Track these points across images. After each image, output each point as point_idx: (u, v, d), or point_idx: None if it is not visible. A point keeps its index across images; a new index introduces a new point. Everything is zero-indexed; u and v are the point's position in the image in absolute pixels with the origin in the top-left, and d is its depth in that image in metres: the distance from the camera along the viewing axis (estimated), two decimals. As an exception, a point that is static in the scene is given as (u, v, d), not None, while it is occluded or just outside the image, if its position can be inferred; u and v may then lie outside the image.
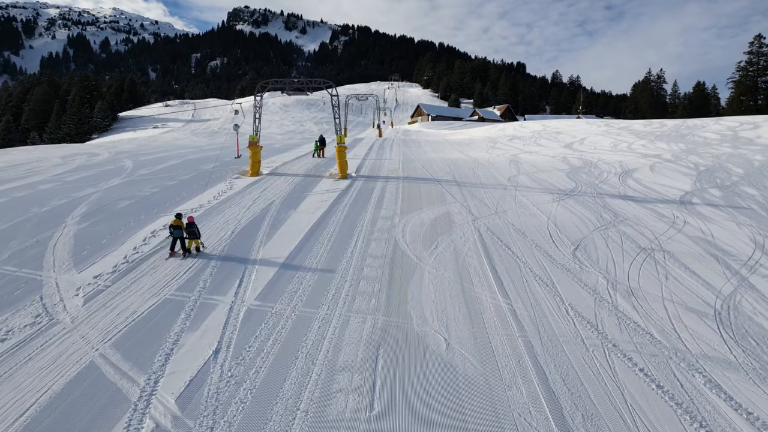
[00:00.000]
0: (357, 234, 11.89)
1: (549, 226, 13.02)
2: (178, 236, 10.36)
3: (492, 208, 14.62)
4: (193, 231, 10.44)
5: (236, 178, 18.31)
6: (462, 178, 19.54)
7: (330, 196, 15.74)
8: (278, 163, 22.75)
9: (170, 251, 10.44)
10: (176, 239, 10.41)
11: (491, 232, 12.30)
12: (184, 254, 10.40)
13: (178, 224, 10.38)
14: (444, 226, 12.78)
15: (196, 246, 10.65)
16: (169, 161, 21.90)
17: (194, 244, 10.62)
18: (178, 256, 10.35)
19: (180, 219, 10.57)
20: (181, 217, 10.71)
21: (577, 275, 9.83)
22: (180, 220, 10.50)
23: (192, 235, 10.45)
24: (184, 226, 10.38)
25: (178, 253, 10.44)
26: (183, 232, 10.37)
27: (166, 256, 10.37)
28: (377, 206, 14.59)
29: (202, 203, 14.26)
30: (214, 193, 15.51)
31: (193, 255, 10.44)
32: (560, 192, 17.15)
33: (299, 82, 19.09)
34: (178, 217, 10.67)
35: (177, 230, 10.34)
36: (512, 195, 16.50)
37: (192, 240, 10.53)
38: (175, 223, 10.43)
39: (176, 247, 10.47)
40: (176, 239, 10.41)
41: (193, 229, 10.45)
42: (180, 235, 10.35)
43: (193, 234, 10.44)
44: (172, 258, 10.27)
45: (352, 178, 19.06)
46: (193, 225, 10.48)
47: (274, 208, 13.95)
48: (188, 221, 10.51)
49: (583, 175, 20.53)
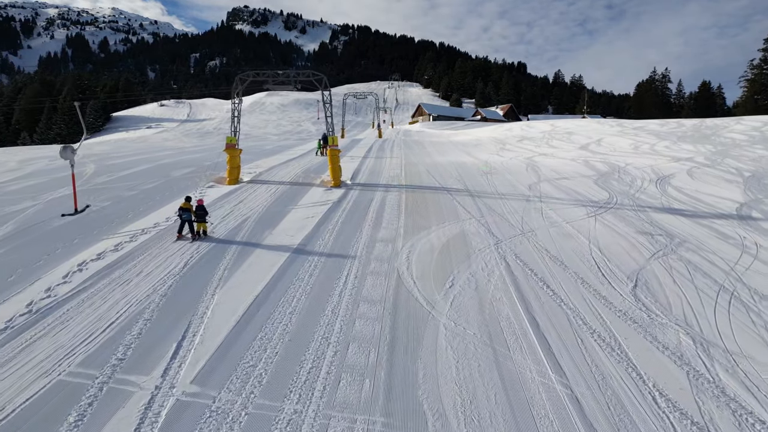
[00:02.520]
0: (348, 266, 9.15)
1: (592, 251, 10.28)
2: (186, 219, 10.33)
3: (516, 227, 11.88)
4: (202, 214, 10.48)
5: (210, 186, 15.59)
6: (475, 186, 16.80)
7: (318, 210, 13.00)
8: (264, 167, 19.99)
9: (178, 234, 10.41)
10: (184, 222, 10.37)
11: (521, 262, 9.56)
12: (193, 238, 10.38)
13: (187, 207, 10.38)
14: (460, 252, 10.04)
15: (203, 229, 10.59)
16: (139, 166, 19.18)
17: (202, 227, 10.55)
18: (186, 240, 10.31)
19: (189, 202, 10.53)
20: (190, 200, 10.65)
21: (649, 330, 7.10)
22: (189, 203, 10.47)
23: (201, 218, 10.47)
24: (194, 209, 10.40)
25: (186, 236, 10.43)
26: (192, 215, 10.35)
27: (174, 239, 10.34)
28: (375, 224, 11.86)
29: (158, 221, 11.53)
30: (175, 208, 12.75)
31: (202, 239, 10.43)
32: (593, 204, 14.42)
33: (284, 74, 16.40)
34: (187, 200, 10.64)
35: (186, 213, 10.33)
36: (537, 208, 13.76)
37: (201, 224, 10.51)
38: (184, 206, 10.41)
39: (184, 231, 10.44)
40: (184, 222, 10.37)
41: (203, 211, 10.51)
42: (189, 218, 10.33)
43: (202, 217, 10.48)
44: (179, 241, 10.23)
45: (347, 187, 16.33)
46: (202, 208, 10.54)
47: (246, 229, 11.21)
48: (198, 204, 10.55)
49: (613, 182, 17.79)
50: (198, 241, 10.24)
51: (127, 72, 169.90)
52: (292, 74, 16.35)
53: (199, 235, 10.51)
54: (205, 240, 10.35)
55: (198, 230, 10.50)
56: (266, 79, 16.52)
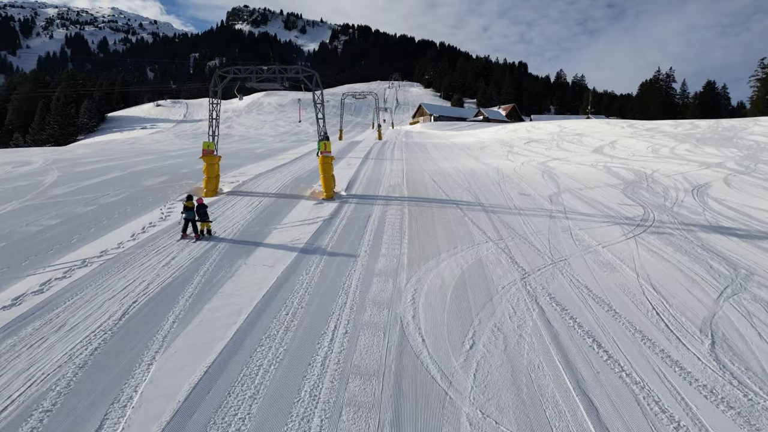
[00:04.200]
0: (337, 314, 7.07)
1: (644, 289, 8.19)
2: (190, 218, 10.15)
3: (544, 253, 9.79)
4: (204, 213, 10.27)
5: (180, 200, 13.50)
6: (488, 197, 14.72)
7: (305, 231, 10.91)
8: (250, 175, 17.89)
9: (182, 234, 10.27)
10: (188, 222, 10.20)
11: (558, 306, 7.47)
12: (197, 237, 10.22)
13: (190, 206, 10.15)
14: (479, 291, 7.96)
15: (207, 229, 10.41)
16: (110, 173, 17.09)
17: (206, 227, 10.38)
18: (190, 239, 10.12)
19: (191, 200, 10.28)
20: (192, 198, 10.41)
21: (753, 421, 5.03)
22: (192, 202, 10.23)
23: (203, 217, 10.27)
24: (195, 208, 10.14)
25: (190, 236, 10.25)
26: (195, 214, 10.15)
27: (178, 239, 10.15)
28: (373, 251, 9.76)
29: (107, 247, 9.44)
30: (135, 229, 10.67)
31: (205, 238, 10.24)
32: (628, 221, 12.33)
33: (270, 71, 14.31)
34: (189, 198, 10.39)
35: (189, 212, 10.13)
36: (565, 227, 11.66)
37: (204, 223, 10.32)
38: (188, 204, 10.17)
39: (188, 230, 10.25)
40: (188, 222, 10.20)
41: (204, 210, 10.29)
42: (192, 217, 10.14)
43: (204, 216, 10.27)
44: (183, 240, 10.05)
45: (341, 200, 14.26)
46: (203, 207, 10.30)
47: (215, 258, 9.13)
48: (198, 203, 10.30)
49: (644, 192, 15.70)
50: (202, 240, 10.05)
51: (125, 72, 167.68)
52: (278, 70, 14.28)
53: (203, 234, 10.29)
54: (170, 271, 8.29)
55: (202, 230, 10.30)
56: (249, 76, 14.46)
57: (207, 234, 10.37)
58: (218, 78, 14.41)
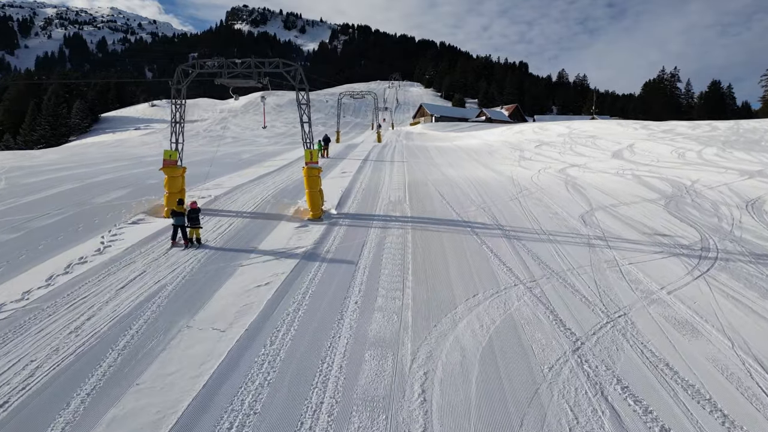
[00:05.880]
0: (305, 426, 4.63)
1: (749, 368, 5.75)
2: (179, 224, 9.51)
3: (595, 304, 7.33)
4: (196, 218, 9.64)
5: (134, 222, 11.05)
6: (507, 217, 12.26)
7: (278, 271, 8.43)
8: (226, 187, 15.40)
9: (171, 241, 9.60)
10: (177, 228, 9.55)
11: (639, 407, 5.00)
12: (186, 244, 9.55)
13: (180, 211, 9.55)
14: (517, 376, 5.50)
15: (197, 237, 9.73)
16: (62, 185, 14.63)
17: (195, 234, 9.69)
18: (179, 247, 9.46)
19: (182, 205, 9.77)
20: (182, 203, 9.96)
21: None
22: (182, 206, 9.70)
23: (195, 223, 9.61)
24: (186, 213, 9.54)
25: (179, 243, 9.59)
26: (185, 219, 9.51)
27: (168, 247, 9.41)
28: (366, 301, 7.31)
29: (6, 299, 6.99)
30: (56, 268, 8.19)
31: (195, 246, 9.56)
32: (685, 250, 9.88)
33: (244, 64, 11.84)
34: (180, 203, 9.93)
35: (179, 218, 9.52)
36: (609, 260, 9.20)
37: (194, 229, 9.67)
38: (178, 209, 9.58)
39: (177, 237, 9.58)
40: (177, 228, 9.55)
41: (196, 215, 9.66)
42: (181, 223, 9.51)
43: (195, 222, 9.63)
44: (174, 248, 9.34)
45: (330, 220, 11.81)
46: (195, 212, 9.66)
47: (148, 315, 6.68)
48: (191, 207, 9.68)
49: (690, 209, 13.25)
50: (191, 248, 9.39)
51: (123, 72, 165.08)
52: (254, 64, 11.82)
53: (192, 242, 9.63)
54: (77, 340, 5.86)
55: (191, 237, 9.66)
56: (218, 71, 12.02)
57: (197, 242, 9.65)
58: (182, 73, 11.98)
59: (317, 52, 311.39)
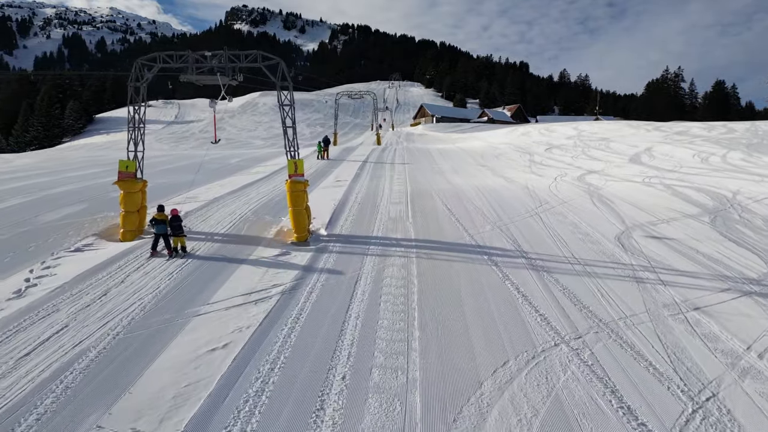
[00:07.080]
0: None
1: None
2: (161, 233, 8.94)
3: (670, 379, 5.34)
4: (179, 226, 9.03)
5: (78, 249, 9.08)
6: (529, 240, 10.27)
7: (243, 323, 6.45)
8: (201, 201, 13.36)
9: (151, 251, 8.98)
10: (158, 237, 8.99)
11: None
12: (170, 254, 8.89)
13: (161, 218, 8.99)
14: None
15: (182, 246, 9.12)
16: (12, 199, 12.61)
17: (180, 242, 9.08)
18: (161, 257, 8.81)
19: (163, 212, 9.14)
20: (163, 209, 9.26)
21: None
22: (163, 213, 9.09)
23: (178, 231, 9.02)
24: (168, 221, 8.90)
25: (161, 253, 8.99)
26: (167, 227, 8.94)
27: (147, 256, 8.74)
28: (357, 373, 5.33)
29: None
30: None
31: (180, 255, 8.94)
32: (755, 285, 7.90)
33: (215, 57, 9.90)
34: (160, 209, 9.24)
35: (160, 226, 8.90)
36: (669, 304, 7.22)
37: (178, 238, 9.05)
38: (158, 216, 9.02)
39: (158, 247, 9.03)
40: (158, 237, 8.99)
41: (179, 223, 9.05)
42: (163, 231, 8.94)
43: (178, 230, 9.03)
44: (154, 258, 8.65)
45: (318, 244, 9.85)
46: (177, 219, 9.08)
47: (43, 409, 4.72)
48: (172, 214, 9.08)
49: (741, 228, 11.27)
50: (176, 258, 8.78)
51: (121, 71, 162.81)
52: (227, 58, 9.89)
53: (177, 251, 9.06)
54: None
55: (175, 246, 9.08)
56: (184, 66, 10.11)
57: (182, 251, 9.07)
58: (141, 68, 10.04)
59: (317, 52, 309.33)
